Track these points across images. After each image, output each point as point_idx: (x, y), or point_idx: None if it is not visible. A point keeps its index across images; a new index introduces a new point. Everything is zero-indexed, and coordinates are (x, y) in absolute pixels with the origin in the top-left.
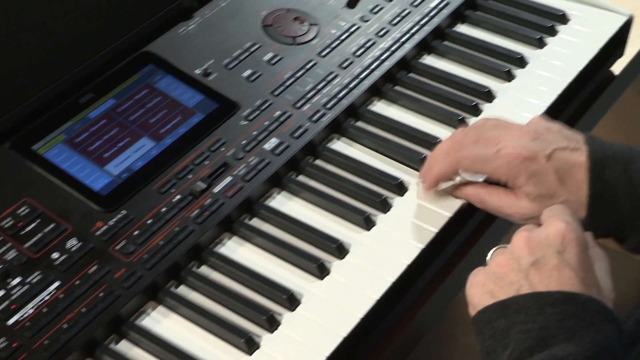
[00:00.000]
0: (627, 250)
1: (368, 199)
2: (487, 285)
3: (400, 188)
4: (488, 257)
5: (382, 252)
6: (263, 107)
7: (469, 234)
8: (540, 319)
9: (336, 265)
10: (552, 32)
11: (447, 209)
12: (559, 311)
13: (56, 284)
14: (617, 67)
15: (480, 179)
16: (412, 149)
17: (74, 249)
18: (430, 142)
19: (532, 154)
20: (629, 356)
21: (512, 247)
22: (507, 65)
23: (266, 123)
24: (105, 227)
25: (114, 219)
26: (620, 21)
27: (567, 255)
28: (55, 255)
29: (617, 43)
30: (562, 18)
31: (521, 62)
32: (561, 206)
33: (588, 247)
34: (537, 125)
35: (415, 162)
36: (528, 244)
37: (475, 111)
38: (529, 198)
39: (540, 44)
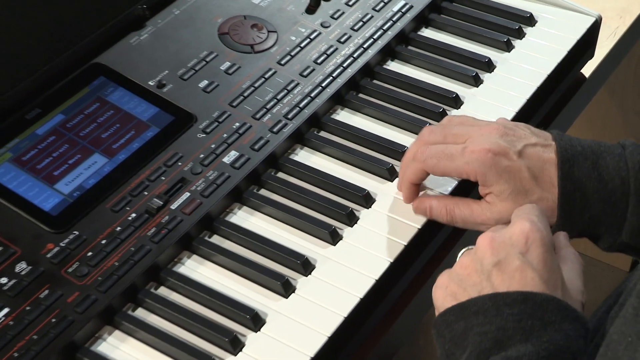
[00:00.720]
0: (602, 249)
1: (334, 212)
2: (450, 287)
3: (367, 200)
4: (457, 259)
5: (349, 267)
6: (221, 119)
7: (440, 245)
8: (498, 320)
9: (302, 283)
10: (520, 34)
11: (416, 220)
12: (516, 311)
13: (5, 310)
14: (588, 69)
15: (446, 191)
16: (378, 158)
17: (23, 272)
18: (396, 150)
19: (502, 150)
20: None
21: (476, 248)
22: (474, 70)
23: (225, 135)
24: (56, 249)
25: (66, 240)
26: (588, 22)
27: (530, 256)
28: (3, 280)
29: (586, 44)
30: (529, 20)
31: (489, 66)
32: (530, 205)
33: (559, 247)
34: (504, 122)
35: (381, 171)
36: (491, 245)
37: (443, 117)
38: (501, 198)
39: (507, 47)
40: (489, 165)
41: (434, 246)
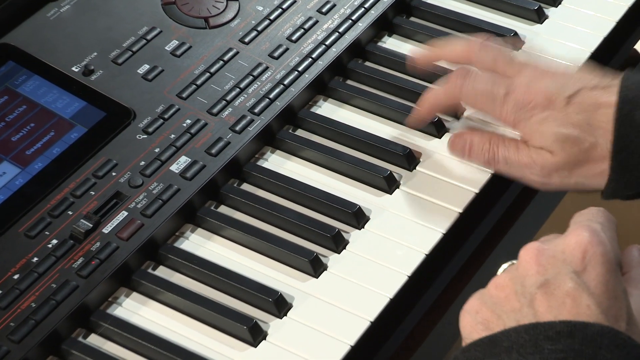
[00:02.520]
0: None
1: (316, 235)
2: (481, 312)
3: (358, 218)
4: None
5: (333, 308)
6: (167, 115)
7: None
8: (535, 359)
9: (274, 327)
10: (554, 0)
11: (421, 246)
12: (560, 348)
13: None
14: None
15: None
16: (373, 163)
17: None
18: (395, 152)
19: (547, 97)
20: None
21: (518, 263)
22: None
23: (172, 136)
24: None
25: None
26: None
27: (587, 276)
28: None
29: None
30: None
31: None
32: (595, 209)
33: (629, 264)
34: (568, 66)
35: (377, 181)
36: (537, 259)
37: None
38: (545, 146)
39: (539, 17)
40: (530, 115)
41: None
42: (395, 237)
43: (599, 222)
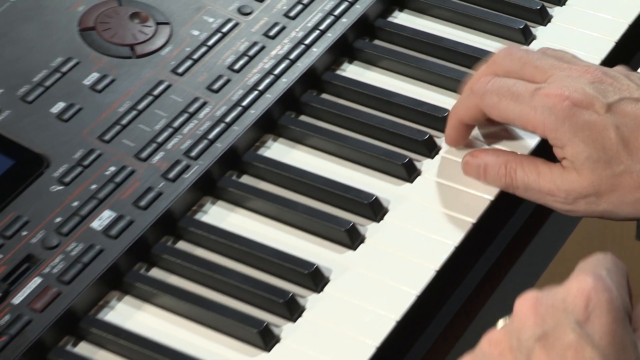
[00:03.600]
0: None
1: (268, 302)
2: None
3: (315, 280)
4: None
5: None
6: (87, 162)
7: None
8: None
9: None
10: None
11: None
12: None
13: None
14: None
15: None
16: (334, 215)
17: None
18: (360, 201)
19: (585, 99)
20: None
21: (514, 315)
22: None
23: (93, 187)
24: None
25: None
26: None
27: (591, 327)
28: None
29: None
30: None
31: (525, 35)
32: (602, 255)
33: (638, 321)
34: (608, 68)
35: (339, 235)
36: (535, 309)
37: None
38: (576, 163)
39: (525, 37)
40: (563, 117)
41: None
42: (360, 301)
43: (605, 268)
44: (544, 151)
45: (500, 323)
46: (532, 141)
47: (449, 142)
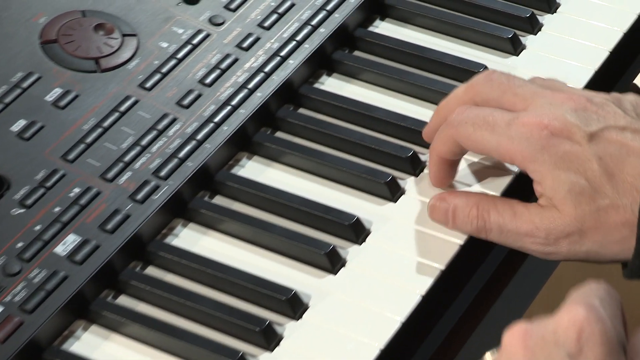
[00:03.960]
0: None
1: (243, 331)
2: None
3: (294, 306)
4: None
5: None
6: (49, 183)
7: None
8: None
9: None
10: (551, 7)
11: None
12: None
13: None
14: None
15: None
16: (315, 238)
17: None
18: (340, 223)
19: (565, 128)
20: None
21: (502, 348)
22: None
23: (57, 209)
24: None
25: None
26: None
27: None
28: None
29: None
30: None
31: (514, 45)
32: (595, 285)
33: (635, 351)
34: (593, 94)
35: (318, 258)
36: (524, 342)
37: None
38: (556, 197)
39: (514, 47)
40: (541, 147)
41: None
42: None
43: (598, 298)
44: (519, 192)
45: (488, 356)
46: (504, 181)
47: (435, 183)
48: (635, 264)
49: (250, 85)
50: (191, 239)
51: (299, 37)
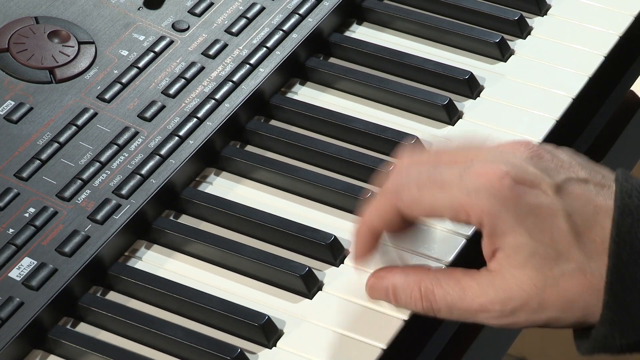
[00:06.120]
0: None
1: (209, 356)
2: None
3: (267, 333)
4: None
5: None
6: (2, 203)
7: None
8: None
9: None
10: (541, 9)
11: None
12: None
13: None
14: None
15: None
16: (289, 259)
17: None
18: (319, 243)
19: (527, 176)
20: None
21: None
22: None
23: (10, 231)
24: None
25: None
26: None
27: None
28: None
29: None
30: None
31: (502, 50)
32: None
33: None
34: (548, 146)
35: (293, 282)
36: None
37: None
38: (514, 259)
39: (502, 53)
40: (504, 198)
41: None
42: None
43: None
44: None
45: None
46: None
47: (357, 258)
48: (600, 332)
49: (218, 96)
50: (156, 261)
51: (269, 44)
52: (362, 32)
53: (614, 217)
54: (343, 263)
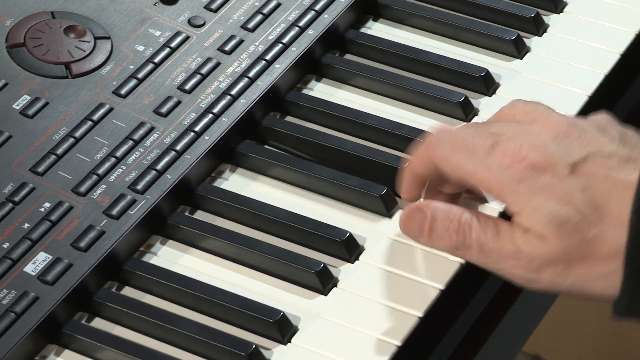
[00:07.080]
0: None
1: (228, 356)
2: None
3: (282, 329)
4: None
5: None
6: (18, 197)
7: None
8: None
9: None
10: (557, 7)
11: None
12: None
13: None
14: None
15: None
16: (304, 256)
17: None
18: (333, 239)
19: (544, 160)
20: None
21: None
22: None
23: (26, 226)
24: None
25: None
26: None
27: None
28: None
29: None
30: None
31: (518, 48)
32: None
33: None
34: (575, 120)
35: (308, 278)
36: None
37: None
38: (536, 228)
39: (518, 51)
40: (519, 179)
41: None
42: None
43: None
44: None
45: None
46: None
47: (404, 195)
48: (623, 301)
49: (234, 92)
50: (170, 257)
51: (285, 40)
52: (378, 29)
53: (637, 190)
54: (358, 260)
